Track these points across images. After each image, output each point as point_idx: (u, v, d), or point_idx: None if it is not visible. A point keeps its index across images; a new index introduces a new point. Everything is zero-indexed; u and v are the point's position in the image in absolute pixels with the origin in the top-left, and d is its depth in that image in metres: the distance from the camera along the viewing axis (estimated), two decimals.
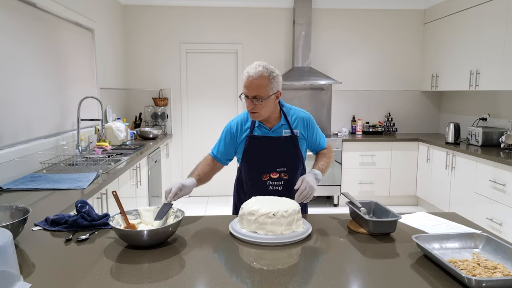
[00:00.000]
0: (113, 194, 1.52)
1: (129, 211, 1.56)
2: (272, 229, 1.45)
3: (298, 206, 1.55)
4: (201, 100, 5.54)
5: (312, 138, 2.04)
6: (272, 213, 1.46)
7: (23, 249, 1.36)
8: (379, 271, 1.22)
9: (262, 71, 1.82)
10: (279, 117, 1.98)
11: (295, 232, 1.48)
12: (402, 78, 5.66)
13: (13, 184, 2.33)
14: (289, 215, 1.48)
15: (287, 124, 1.97)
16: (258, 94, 1.81)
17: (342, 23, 5.50)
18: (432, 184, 4.79)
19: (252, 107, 1.83)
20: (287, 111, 2.01)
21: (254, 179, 1.98)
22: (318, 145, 2.08)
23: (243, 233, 1.48)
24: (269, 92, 1.83)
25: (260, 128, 1.97)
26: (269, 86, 1.82)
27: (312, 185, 1.77)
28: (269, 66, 1.86)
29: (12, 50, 2.66)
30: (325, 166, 1.98)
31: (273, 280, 1.15)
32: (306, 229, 1.53)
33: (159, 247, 1.39)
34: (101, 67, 4.35)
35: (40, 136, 3.00)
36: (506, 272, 1.17)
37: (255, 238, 1.45)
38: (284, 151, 1.96)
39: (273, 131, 1.96)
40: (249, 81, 1.82)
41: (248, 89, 1.82)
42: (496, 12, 4.00)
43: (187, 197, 5.57)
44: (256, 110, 1.84)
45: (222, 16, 5.39)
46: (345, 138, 5.10)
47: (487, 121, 4.60)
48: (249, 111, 1.87)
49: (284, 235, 1.45)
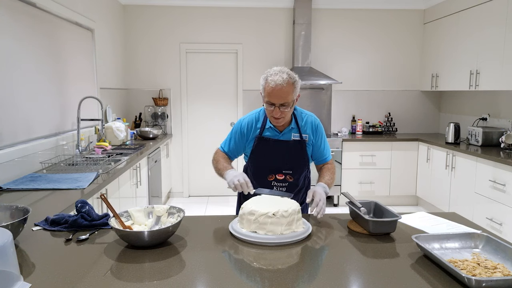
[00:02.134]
0: (102, 197, 1.51)
1: (120, 214, 1.53)
2: (272, 229, 1.45)
3: (298, 206, 1.55)
4: (201, 100, 5.54)
5: (317, 145, 2.04)
6: (272, 213, 1.46)
7: (23, 249, 1.36)
8: (379, 271, 1.22)
9: (288, 78, 1.81)
10: (290, 121, 1.99)
11: (295, 232, 1.48)
12: (402, 78, 5.67)
13: (13, 184, 2.33)
14: (289, 215, 1.48)
15: (297, 128, 1.99)
16: (286, 101, 1.82)
17: (342, 23, 5.50)
18: (432, 184, 4.79)
19: (279, 114, 1.84)
20: (298, 115, 2.02)
21: (260, 178, 2.01)
22: (322, 154, 2.06)
23: (243, 233, 1.48)
24: (294, 98, 1.86)
25: (270, 130, 1.98)
26: (294, 92, 1.84)
27: (324, 197, 1.76)
28: (291, 72, 1.86)
29: (12, 50, 2.66)
30: (331, 182, 1.97)
31: (273, 280, 1.15)
32: (306, 229, 1.53)
33: (160, 247, 1.39)
34: (101, 67, 4.35)
35: (40, 136, 3.00)
36: (506, 272, 1.17)
37: (255, 238, 1.45)
38: (291, 154, 1.98)
39: (283, 134, 1.98)
40: (277, 90, 1.80)
41: (276, 98, 1.81)
42: (496, 12, 4.00)
43: (188, 197, 5.60)
44: (282, 116, 1.86)
45: (222, 16, 5.39)
46: (345, 138, 5.10)
47: (487, 121, 4.60)
48: (275, 117, 1.87)
49: (284, 235, 1.45)
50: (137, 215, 1.57)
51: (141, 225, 1.55)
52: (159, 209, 1.60)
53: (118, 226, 1.45)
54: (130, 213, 1.57)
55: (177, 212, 1.57)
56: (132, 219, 1.56)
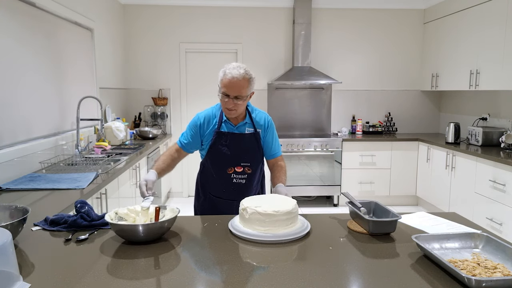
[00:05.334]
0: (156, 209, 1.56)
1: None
2: (271, 226, 1.46)
3: (296, 205, 1.56)
4: (201, 100, 5.53)
5: (268, 140, 2.15)
6: (271, 210, 1.47)
7: (22, 249, 1.36)
8: (379, 271, 1.22)
9: (245, 74, 1.93)
10: (245, 116, 2.10)
11: (293, 230, 1.49)
12: (402, 78, 5.66)
13: (12, 184, 2.33)
14: (288, 213, 1.49)
15: (251, 122, 2.10)
16: (240, 94, 1.93)
17: (342, 23, 5.50)
18: (432, 184, 4.79)
19: (232, 105, 1.95)
20: (252, 111, 2.13)
21: (220, 171, 2.09)
22: (271, 149, 2.17)
23: (241, 231, 1.49)
24: (248, 93, 1.98)
25: (226, 124, 2.08)
26: (249, 88, 1.97)
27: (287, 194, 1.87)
28: (248, 69, 1.98)
29: (11, 50, 2.66)
30: (285, 181, 2.10)
31: (272, 279, 1.15)
32: (304, 227, 1.54)
33: (155, 242, 1.41)
34: (101, 67, 4.35)
35: (39, 136, 3.00)
36: (506, 272, 1.16)
37: (253, 236, 1.45)
38: (248, 147, 2.09)
39: (237, 128, 2.08)
40: (232, 82, 1.92)
41: (231, 89, 1.93)
42: (496, 12, 4.00)
43: (187, 197, 5.59)
44: (234, 108, 1.97)
45: (222, 15, 5.38)
46: (345, 138, 5.10)
47: (487, 121, 4.60)
48: (228, 108, 1.98)
49: (283, 233, 1.46)
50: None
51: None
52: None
53: (114, 221, 1.48)
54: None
55: (173, 208, 1.59)
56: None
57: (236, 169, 2.08)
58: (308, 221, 1.61)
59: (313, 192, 5.17)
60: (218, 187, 2.13)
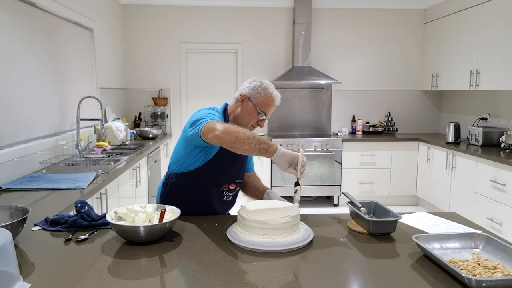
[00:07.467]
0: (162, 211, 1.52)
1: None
2: (272, 234, 1.40)
3: (298, 212, 1.49)
4: (201, 100, 5.53)
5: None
6: (272, 218, 1.41)
7: (22, 249, 1.36)
8: (379, 271, 1.22)
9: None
10: None
11: (296, 239, 1.41)
12: (402, 78, 5.66)
13: (12, 184, 2.33)
14: (290, 221, 1.42)
15: None
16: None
17: (342, 23, 5.50)
18: (432, 184, 4.79)
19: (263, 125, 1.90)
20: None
21: (214, 188, 1.86)
22: (250, 161, 2.08)
23: (241, 240, 1.41)
24: None
25: None
26: None
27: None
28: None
29: (11, 50, 2.66)
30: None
31: (271, 278, 1.15)
32: (307, 235, 1.45)
33: (156, 242, 1.41)
34: (101, 67, 4.35)
35: (39, 136, 3.00)
36: (506, 272, 1.16)
37: (254, 244, 1.37)
38: (243, 163, 1.95)
39: None
40: (276, 105, 1.86)
41: (271, 111, 1.87)
42: (496, 12, 4.00)
43: None
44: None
45: (222, 15, 5.38)
46: (345, 138, 5.10)
47: (487, 121, 4.60)
48: (254, 126, 1.87)
49: (284, 241, 1.39)
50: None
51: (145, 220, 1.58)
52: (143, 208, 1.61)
53: (114, 221, 1.47)
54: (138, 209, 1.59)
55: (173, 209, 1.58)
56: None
57: (230, 186, 1.89)
58: (311, 230, 1.52)
59: (313, 192, 5.17)
60: (202, 204, 1.84)
